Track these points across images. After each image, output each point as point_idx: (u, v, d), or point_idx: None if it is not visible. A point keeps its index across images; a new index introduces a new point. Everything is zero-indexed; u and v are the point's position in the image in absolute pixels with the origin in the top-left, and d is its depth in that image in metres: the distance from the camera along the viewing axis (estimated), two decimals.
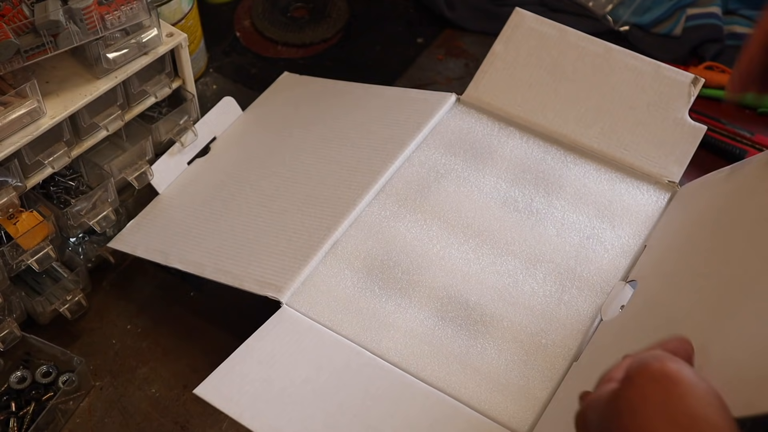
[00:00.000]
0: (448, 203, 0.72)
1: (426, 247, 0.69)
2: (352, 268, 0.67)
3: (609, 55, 0.77)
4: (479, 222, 0.70)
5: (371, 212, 0.71)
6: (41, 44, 0.64)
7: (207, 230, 0.74)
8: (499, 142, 0.76)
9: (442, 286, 0.66)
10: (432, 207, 0.71)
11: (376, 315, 0.65)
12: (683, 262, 0.62)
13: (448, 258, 0.68)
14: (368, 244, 0.69)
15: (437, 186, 0.73)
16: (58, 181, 0.75)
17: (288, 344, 0.62)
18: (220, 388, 0.59)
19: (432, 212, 0.71)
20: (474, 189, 0.73)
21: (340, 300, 0.65)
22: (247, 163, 0.81)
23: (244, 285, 0.67)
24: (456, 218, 0.71)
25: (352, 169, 0.75)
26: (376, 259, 0.68)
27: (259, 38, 1.00)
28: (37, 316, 0.73)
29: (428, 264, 0.68)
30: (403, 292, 0.66)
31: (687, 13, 0.98)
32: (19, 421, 0.68)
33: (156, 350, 0.73)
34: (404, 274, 0.67)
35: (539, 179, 0.73)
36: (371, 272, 0.67)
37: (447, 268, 0.67)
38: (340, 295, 0.66)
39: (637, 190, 0.72)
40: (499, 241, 0.69)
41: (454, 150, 0.75)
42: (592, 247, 0.68)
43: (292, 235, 0.70)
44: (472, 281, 0.66)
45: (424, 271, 0.67)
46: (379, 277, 0.67)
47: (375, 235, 0.69)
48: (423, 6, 1.03)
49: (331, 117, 0.83)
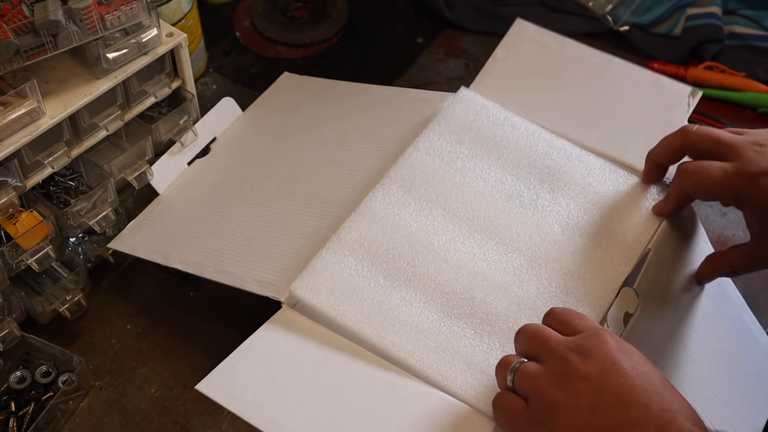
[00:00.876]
0: (453, 193, 0.71)
1: (431, 239, 0.68)
2: (356, 256, 0.66)
3: (609, 67, 0.78)
4: (485, 215, 0.70)
5: (375, 199, 0.70)
6: (41, 44, 0.64)
7: (207, 230, 0.74)
8: (504, 132, 0.75)
9: (447, 280, 0.65)
10: (437, 196, 0.71)
11: (381, 307, 0.64)
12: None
13: (453, 251, 0.67)
14: (372, 231, 0.68)
15: (442, 174, 0.72)
16: (57, 181, 0.75)
17: (289, 344, 0.62)
18: (221, 385, 0.59)
19: (437, 202, 0.70)
20: (479, 180, 0.72)
21: (344, 289, 0.64)
22: (247, 163, 0.81)
23: (244, 285, 0.66)
24: (462, 210, 0.70)
25: (352, 169, 0.75)
26: (381, 248, 0.67)
27: (259, 38, 1.00)
28: (37, 316, 0.73)
29: (434, 257, 0.67)
30: (408, 283, 0.65)
31: (687, 13, 0.98)
32: (19, 421, 0.68)
33: (156, 350, 0.73)
34: (409, 265, 0.66)
35: (544, 174, 0.72)
36: (375, 261, 0.66)
37: (452, 262, 0.67)
38: (344, 283, 0.64)
39: (637, 189, 0.72)
40: (504, 237, 0.68)
41: (460, 138, 0.75)
42: (596, 248, 0.68)
43: (292, 235, 0.70)
44: (478, 278, 0.66)
45: (430, 263, 0.66)
46: (384, 267, 0.66)
47: (379, 222, 0.68)
48: (423, 6, 1.03)
49: (331, 117, 0.83)
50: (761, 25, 0.99)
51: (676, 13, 0.99)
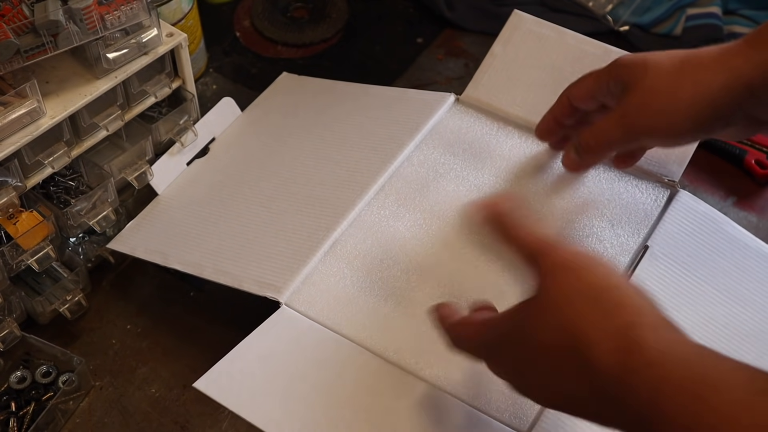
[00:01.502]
0: (447, 203, 0.71)
1: (426, 248, 0.69)
2: (351, 267, 0.67)
3: (608, 57, 0.77)
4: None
5: (370, 211, 0.71)
6: (41, 44, 0.64)
7: (206, 231, 0.74)
8: (498, 141, 0.76)
9: (444, 284, 0.66)
10: (431, 206, 0.71)
11: (376, 314, 0.65)
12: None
13: (448, 259, 0.68)
14: (367, 243, 0.69)
15: (436, 185, 0.73)
16: (58, 181, 0.75)
17: (288, 342, 0.63)
18: (219, 382, 0.59)
19: (431, 212, 0.71)
20: (473, 189, 0.72)
21: (340, 299, 0.65)
22: (246, 163, 0.81)
23: (243, 285, 0.67)
24: (456, 218, 0.70)
25: (352, 169, 0.75)
26: (375, 258, 0.68)
27: (259, 38, 1.00)
28: (37, 316, 0.73)
29: (429, 265, 0.67)
30: (403, 292, 0.66)
31: (687, 13, 0.98)
32: (19, 421, 0.68)
33: (156, 350, 0.73)
34: (403, 273, 0.67)
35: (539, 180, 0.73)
36: (371, 272, 0.67)
37: (448, 269, 0.67)
38: (340, 294, 0.66)
39: (636, 189, 0.72)
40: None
41: (454, 150, 0.75)
42: (592, 246, 0.68)
43: (291, 236, 0.70)
44: (474, 282, 0.66)
45: (425, 271, 0.67)
46: (379, 276, 0.67)
47: (374, 234, 0.69)
48: (423, 6, 1.03)
49: (330, 117, 0.83)
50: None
51: (676, 13, 0.99)
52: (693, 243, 0.68)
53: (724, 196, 0.83)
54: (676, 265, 0.66)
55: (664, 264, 0.66)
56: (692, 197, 0.71)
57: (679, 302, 0.64)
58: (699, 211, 0.70)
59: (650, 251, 0.67)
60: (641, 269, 0.66)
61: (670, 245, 0.67)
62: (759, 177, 0.83)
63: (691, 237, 0.68)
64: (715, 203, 0.82)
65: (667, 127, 0.59)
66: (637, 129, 0.60)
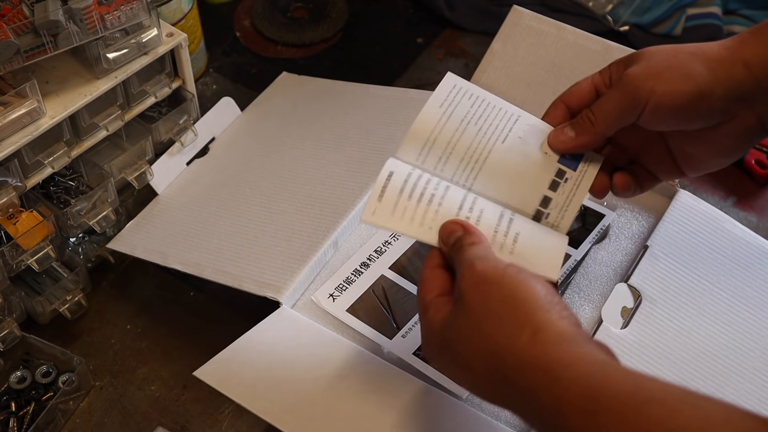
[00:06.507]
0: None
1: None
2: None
3: (607, 53, 0.77)
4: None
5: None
6: (41, 44, 0.64)
7: (206, 231, 0.74)
8: None
9: None
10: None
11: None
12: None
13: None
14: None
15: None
16: (58, 181, 0.75)
17: (288, 340, 0.63)
18: (220, 373, 0.60)
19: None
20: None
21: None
22: (246, 163, 0.81)
23: (243, 285, 0.67)
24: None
25: (352, 169, 0.75)
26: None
27: (259, 38, 1.00)
28: (37, 316, 0.73)
29: None
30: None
31: (687, 13, 0.98)
32: (19, 421, 0.68)
33: (155, 350, 0.73)
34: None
35: None
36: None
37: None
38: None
39: None
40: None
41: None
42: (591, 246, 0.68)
43: (291, 236, 0.70)
44: None
45: None
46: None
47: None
48: (423, 6, 1.03)
49: (330, 117, 0.83)
50: None
51: (676, 13, 0.99)
52: (693, 242, 0.68)
53: (724, 196, 0.83)
54: (676, 264, 0.66)
55: (665, 263, 0.66)
56: (692, 196, 0.71)
57: (680, 301, 0.64)
58: (699, 210, 0.70)
59: (650, 251, 0.67)
60: (641, 269, 0.66)
61: (670, 244, 0.67)
62: (759, 177, 0.83)
63: (692, 236, 0.68)
64: (715, 203, 0.81)
65: (669, 94, 0.56)
66: (638, 94, 0.57)
